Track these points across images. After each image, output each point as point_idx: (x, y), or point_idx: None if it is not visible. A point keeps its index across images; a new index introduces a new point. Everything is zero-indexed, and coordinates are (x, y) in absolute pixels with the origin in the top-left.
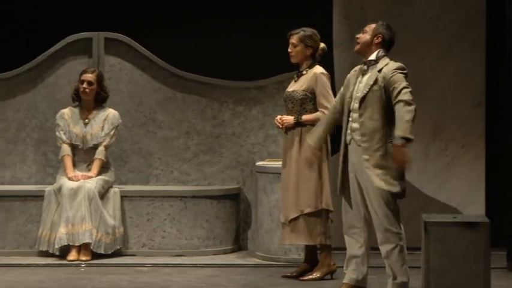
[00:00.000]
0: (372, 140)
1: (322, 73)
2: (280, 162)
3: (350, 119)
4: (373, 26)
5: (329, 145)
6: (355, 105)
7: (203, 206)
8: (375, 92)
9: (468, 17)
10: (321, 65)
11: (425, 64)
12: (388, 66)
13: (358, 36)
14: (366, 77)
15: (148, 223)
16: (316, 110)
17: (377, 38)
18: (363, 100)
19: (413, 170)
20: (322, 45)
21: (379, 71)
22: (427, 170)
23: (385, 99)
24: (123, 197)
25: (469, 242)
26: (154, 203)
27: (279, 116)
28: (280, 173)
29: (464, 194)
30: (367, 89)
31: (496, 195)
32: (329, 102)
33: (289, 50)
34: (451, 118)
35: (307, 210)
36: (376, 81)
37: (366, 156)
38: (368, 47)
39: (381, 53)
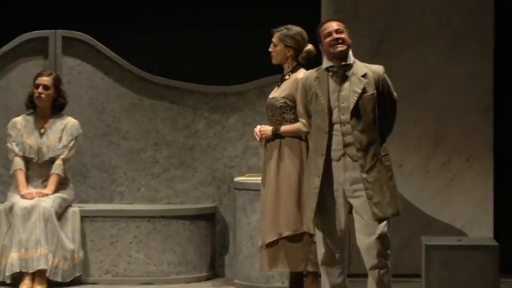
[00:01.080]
0: (367, 155)
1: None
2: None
3: (337, 132)
4: (341, 23)
5: None
6: (342, 116)
7: (174, 228)
8: (367, 101)
9: (474, 10)
10: (308, 69)
11: (424, 65)
12: (372, 69)
13: (342, 36)
14: (347, 84)
15: (112, 247)
16: (297, 120)
17: (350, 38)
18: (354, 110)
19: (411, 187)
20: (308, 47)
21: (364, 76)
22: (427, 187)
23: (378, 108)
24: (84, 217)
25: (476, 268)
26: (118, 224)
27: (258, 127)
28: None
29: (470, 214)
30: (355, 97)
31: (506, 215)
32: None
33: (270, 49)
34: (454, 127)
35: (286, 233)
36: (365, 89)
37: (364, 175)
38: (348, 49)
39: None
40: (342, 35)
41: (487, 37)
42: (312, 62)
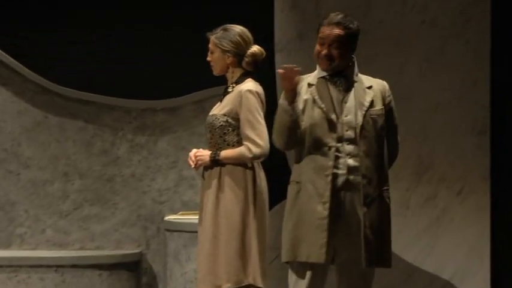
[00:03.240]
0: (370, 185)
1: (249, 91)
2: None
3: (339, 153)
4: (343, 30)
5: (263, 190)
6: (347, 133)
7: (88, 280)
8: (375, 117)
9: (466, 5)
10: (257, 79)
11: (405, 74)
12: (378, 82)
13: (333, 54)
14: (351, 93)
15: None
16: (241, 143)
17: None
18: (361, 126)
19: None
20: (252, 49)
21: (369, 88)
22: (408, 227)
23: (383, 129)
24: None
25: None
26: (18, 275)
27: (193, 151)
28: None
29: (461, 261)
30: (363, 111)
31: (506, 262)
32: (257, 133)
33: (208, 58)
34: (441, 151)
35: (226, 286)
36: (372, 103)
37: (364, 209)
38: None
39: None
40: (336, 51)
41: (482, 38)
42: (264, 68)
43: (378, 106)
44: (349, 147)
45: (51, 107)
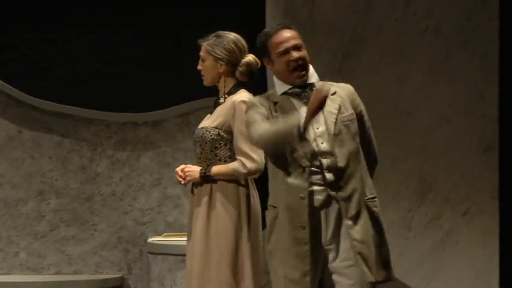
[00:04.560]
0: (352, 198)
1: (243, 101)
2: (186, 238)
3: (316, 168)
4: (296, 32)
5: (257, 209)
6: (322, 145)
7: None
8: (347, 123)
9: (472, 12)
10: (251, 90)
11: (406, 86)
12: (340, 87)
13: (302, 55)
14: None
15: None
16: (234, 158)
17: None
18: (335, 135)
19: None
20: (247, 58)
21: (333, 94)
22: (410, 250)
23: (357, 135)
24: None
25: None
26: None
27: (181, 166)
28: (186, 255)
29: (468, 287)
30: (333, 119)
31: None
32: (252, 147)
33: (198, 66)
34: (446, 169)
35: None
36: (340, 109)
37: (349, 222)
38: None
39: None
40: (302, 53)
41: (489, 47)
42: (259, 79)
43: (348, 112)
44: (326, 161)
45: (25, 120)
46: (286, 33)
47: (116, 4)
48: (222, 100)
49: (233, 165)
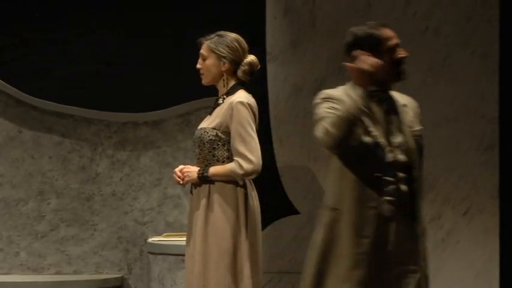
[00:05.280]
0: (421, 213)
1: (241, 102)
2: (186, 238)
3: (391, 179)
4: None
5: (256, 210)
6: (399, 157)
7: None
8: (418, 139)
9: (473, 12)
10: (249, 90)
11: (406, 86)
12: (408, 99)
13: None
14: (394, 113)
15: None
16: (232, 159)
17: None
18: (412, 150)
19: None
20: (249, 58)
21: (405, 105)
22: None
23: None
24: None
25: None
26: None
27: (180, 167)
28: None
29: (468, 287)
30: (410, 133)
31: None
32: (249, 148)
33: (197, 65)
34: (446, 169)
35: None
36: (413, 123)
37: (418, 237)
38: None
39: None
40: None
41: (490, 47)
42: (257, 79)
43: (417, 126)
44: (401, 173)
45: (25, 120)
46: (389, 30)
47: (116, 4)
48: (220, 101)
49: (230, 166)
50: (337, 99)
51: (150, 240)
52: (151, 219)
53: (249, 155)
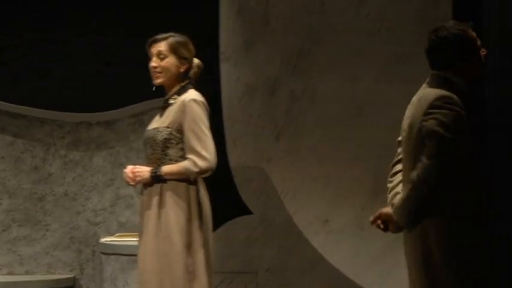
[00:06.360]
0: None
1: (194, 100)
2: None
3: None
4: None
5: (207, 209)
6: None
7: None
8: None
9: (426, 11)
10: (203, 90)
11: (360, 86)
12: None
13: None
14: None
15: None
16: (185, 158)
17: None
18: None
19: (341, 250)
20: (197, 60)
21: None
22: (363, 250)
23: None
24: None
25: None
26: None
27: (130, 167)
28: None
29: None
30: None
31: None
32: (203, 145)
33: (153, 64)
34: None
35: None
36: None
37: None
38: None
39: None
40: None
41: None
42: (209, 79)
43: None
44: None
45: None
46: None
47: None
48: (171, 100)
49: (184, 164)
50: (460, 107)
51: (102, 240)
52: (103, 220)
53: (203, 152)
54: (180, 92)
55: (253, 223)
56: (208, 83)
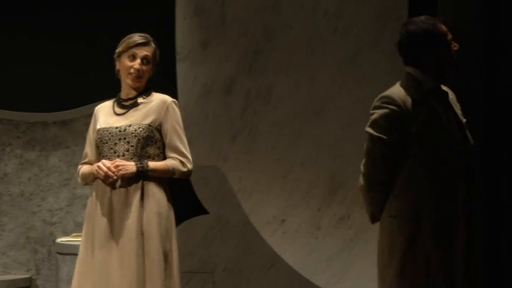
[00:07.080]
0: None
1: (175, 102)
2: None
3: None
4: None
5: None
6: (467, 158)
7: None
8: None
9: (382, 12)
10: (160, 90)
11: (316, 85)
12: (447, 88)
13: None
14: (451, 111)
15: None
16: (163, 157)
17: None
18: (474, 150)
19: (297, 250)
20: None
21: (451, 98)
22: (318, 250)
23: None
24: None
25: None
26: None
27: (106, 162)
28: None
29: (377, 286)
30: (467, 131)
31: None
32: (186, 148)
33: (137, 66)
34: (355, 169)
35: None
36: (461, 116)
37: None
38: None
39: None
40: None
41: None
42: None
43: (463, 119)
44: (467, 175)
45: None
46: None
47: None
48: (141, 100)
49: (171, 162)
50: (397, 105)
51: (58, 240)
52: (59, 220)
53: (188, 154)
54: (146, 92)
55: (209, 223)
56: (165, 83)
